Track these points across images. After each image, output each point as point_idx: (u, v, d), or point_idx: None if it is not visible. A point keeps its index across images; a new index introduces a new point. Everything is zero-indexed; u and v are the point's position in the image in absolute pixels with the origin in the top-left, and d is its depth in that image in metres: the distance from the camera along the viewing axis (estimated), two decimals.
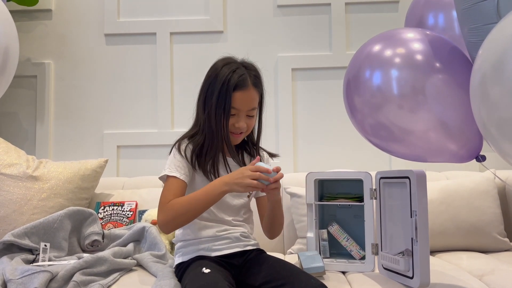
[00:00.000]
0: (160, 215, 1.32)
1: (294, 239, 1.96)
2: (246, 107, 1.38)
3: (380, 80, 1.26)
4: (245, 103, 1.38)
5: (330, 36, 2.45)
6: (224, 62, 1.40)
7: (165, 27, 2.47)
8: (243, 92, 1.36)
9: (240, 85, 1.35)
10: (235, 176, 1.27)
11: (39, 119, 2.45)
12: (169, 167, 1.37)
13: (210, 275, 1.23)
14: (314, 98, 2.43)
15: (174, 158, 1.38)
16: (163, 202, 1.32)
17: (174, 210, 1.29)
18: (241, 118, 1.39)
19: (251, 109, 1.40)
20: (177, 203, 1.30)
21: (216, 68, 1.40)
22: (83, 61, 2.50)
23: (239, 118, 1.38)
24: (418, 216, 1.29)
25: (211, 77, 1.39)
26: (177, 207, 1.29)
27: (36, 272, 1.32)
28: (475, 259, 1.67)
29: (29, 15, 2.50)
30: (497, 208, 1.85)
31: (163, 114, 2.44)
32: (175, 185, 1.35)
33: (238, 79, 1.35)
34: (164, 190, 1.36)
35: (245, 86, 1.36)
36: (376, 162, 2.26)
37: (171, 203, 1.30)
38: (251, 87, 1.38)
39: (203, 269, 1.24)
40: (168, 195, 1.33)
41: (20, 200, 1.79)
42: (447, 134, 1.22)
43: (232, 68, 1.37)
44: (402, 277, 1.36)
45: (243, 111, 1.38)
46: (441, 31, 1.41)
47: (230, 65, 1.39)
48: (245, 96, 1.37)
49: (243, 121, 1.39)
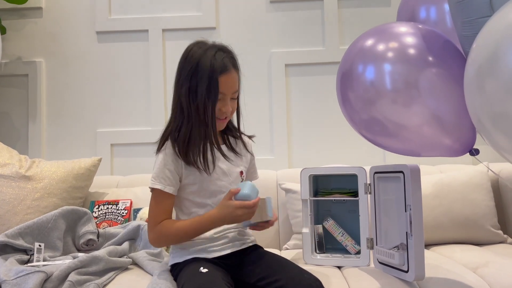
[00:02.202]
0: (150, 235, 1.34)
1: (290, 235, 1.96)
2: (231, 90, 1.36)
3: (373, 75, 1.26)
4: (230, 86, 1.36)
5: (323, 31, 2.45)
6: (200, 48, 1.36)
7: (157, 24, 2.45)
8: (227, 76, 1.34)
9: (223, 69, 1.33)
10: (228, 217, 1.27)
11: (31, 118, 2.43)
12: (153, 178, 1.34)
13: (208, 274, 1.22)
14: (308, 94, 2.43)
15: (159, 166, 1.34)
16: (153, 221, 1.33)
17: (164, 236, 1.33)
18: (227, 102, 1.37)
19: (235, 91, 1.39)
20: (168, 232, 1.32)
21: (193, 55, 1.35)
22: (75, 59, 2.48)
23: (225, 102, 1.36)
24: (412, 210, 1.30)
25: (191, 65, 1.34)
26: (167, 234, 1.32)
27: (30, 272, 1.32)
28: (470, 252, 1.68)
29: (19, 13, 2.47)
30: (490, 200, 1.86)
31: (156, 111, 2.43)
32: (160, 199, 1.34)
33: (221, 63, 1.33)
34: (152, 204, 1.35)
35: (227, 70, 1.34)
36: (371, 157, 2.26)
37: (161, 228, 1.32)
38: (232, 70, 1.36)
39: (200, 268, 1.24)
40: (158, 212, 1.33)
41: (13, 200, 1.78)
42: (441, 129, 1.22)
43: (212, 53, 1.34)
44: (397, 271, 1.36)
45: (228, 94, 1.37)
46: (433, 24, 1.41)
47: (208, 50, 1.35)
48: (229, 79, 1.35)
49: (228, 105, 1.37)
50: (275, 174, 2.12)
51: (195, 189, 1.37)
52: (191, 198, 1.38)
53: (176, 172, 1.35)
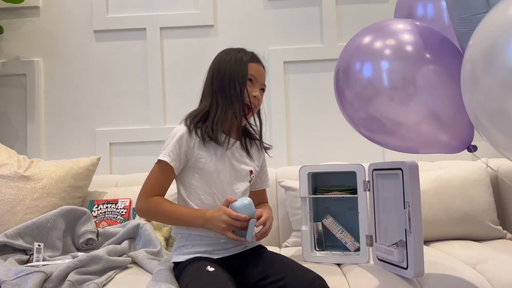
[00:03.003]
0: (139, 204, 1.36)
1: (289, 233, 1.97)
2: (260, 78, 1.44)
3: (370, 72, 1.26)
4: (260, 74, 1.44)
5: (321, 28, 2.44)
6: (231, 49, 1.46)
7: (155, 22, 2.44)
8: (257, 65, 1.44)
9: (253, 59, 1.44)
10: (215, 218, 1.29)
11: (30, 118, 2.43)
12: (163, 150, 1.36)
13: (215, 274, 1.22)
14: (307, 91, 2.43)
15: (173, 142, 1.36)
16: (146, 191, 1.35)
17: (153, 211, 1.36)
18: (257, 88, 1.43)
19: (264, 83, 1.46)
20: (159, 208, 1.34)
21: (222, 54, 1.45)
22: (73, 58, 2.47)
23: (255, 88, 1.43)
24: (411, 207, 1.30)
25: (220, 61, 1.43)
26: (157, 211, 1.35)
27: (30, 272, 1.31)
28: (469, 248, 1.68)
29: (16, 13, 2.47)
30: (489, 196, 1.86)
31: (155, 110, 2.42)
32: (163, 172, 1.36)
33: (251, 54, 1.45)
34: (152, 175, 1.37)
35: (257, 60, 1.45)
36: (369, 154, 2.26)
37: (153, 203, 1.34)
38: (261, 64, 1.46)
39: (207, 268, 1.23)
40: (156, 185, 1.36)
41: (12, 201, 1.78)
42: (439, 125, 1.22)
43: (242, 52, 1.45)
44: (397, 267, 1.37)
45: (258, 82, 1.43)
46: (430, 21, 1.41)
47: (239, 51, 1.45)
48: (259, 68, 1.44)
49: (258, 91, 1.43)
50: (274, 171, 2.12)
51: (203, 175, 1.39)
52: (199, 185, 1.39)
53: (186, 152, 1.37)
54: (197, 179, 1.39)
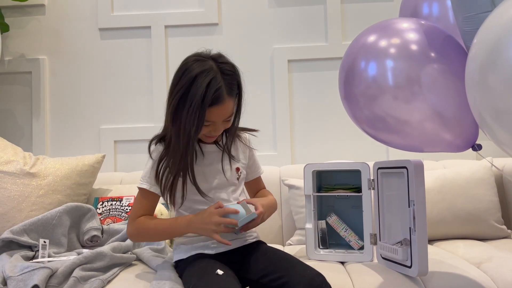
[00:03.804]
0: (128, 228, 1.39)
1: (293, 231, 1.97)
2: (221, 118, 1.32)
3: (375, 71, 1.25)
4: (221, 116, 1.31)
5: (325, 26, 2.44)
6: (199, 66, 1.28)
7: (160, 21, 2.45)
8: (219, 107, 1.28)
9: (215, 101, 1.26)
10: (201, 221, 1.28)
11: (35, 116, 2.44)
12: (141, 178, 1.38)
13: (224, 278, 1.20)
14: (311, 89, 2.43)
15: (148, 167, 1.37)
16: (133, 215, 1.38)
17: (140, 231, 1.37)
18: (217, 127, 1.33)
19: (228, 117, 1.34)
20: (144, 227, 1.35)
21: (190, 72, 1.27)
22: (78, 56, 2.48)
23: (215, 127, 1.33)
24: (415, 205, 1.30)
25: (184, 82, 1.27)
26: (143, 230, 1.36)
27: (35, 268, 1.33)
28: (473, 247, 1.68)
29: (21, 11, 2.48)
30: (494, 195, 1.86)
31: (159, 108, 2.42)
32: (145, 197, 1.38)
33: (214, 95, 1.24)
34: (135, 201, 1.40)
35: (220, 102, 1.27)
36: (374, 153, 2.26)
37: (139, 223, 1.36)
38: (227, 99, 1.28)
39: (217, 271, 1.22)
40: (140, 208, 1.38)
41: (18, 197, 1.79)
42: (443, 124, 1.21)
43: (207, 79, 1.25)
44: (401, 266, 1.37)
45: (220, 121, 1.33)
46: (435, 20, 1.40)
47: (205, 73, 1.26)
48: (221, 110, 1.29)
49: (219, 129, 1.34)
50: (278, 170, 2.12)
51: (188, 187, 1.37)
52: (188, 196, 1.38)
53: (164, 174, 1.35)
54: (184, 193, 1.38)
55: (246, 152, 1.51)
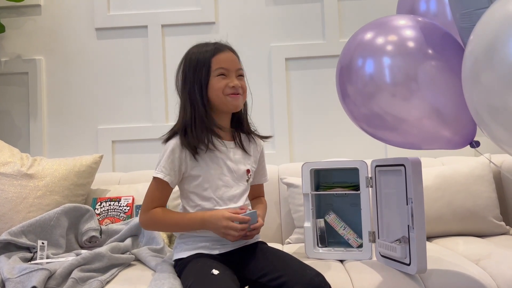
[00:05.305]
0: (141, 217, 1.39)
1: (292, 229, 1.97)
2: (233, 66, 1.39)
3: (372, 68, 1.25)
4: (230, 62, 1.39)
5: (323, 24, 2.43)
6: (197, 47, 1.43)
7: (156, 20, 2.44)
8: (222, 54, 1.38)
9: (216, 51, 1.38)
10: (213, 221, 1.31)
11: (32, 116, 2.44)
12: (157, 167, 1.37)
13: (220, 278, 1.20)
14: (309, 87, 2.42)
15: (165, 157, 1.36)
16: (147, 205, 1.38)
17: (154, 222, 1.38)
18: (233, 77, 1.39)
19: (239, 68, 1.41)
20: (159, 218, 1.36)
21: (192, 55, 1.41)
22: (75, 57, 2.47)
23: (231, 78, 1.38)
24: (414, 203, 1.30)
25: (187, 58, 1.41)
26: (158, 221, 1.37)
27: (34, 270, 1.32)
28: (472, 244, 1.68)
29: (17, 11, 2.47)
30: (492, 192, 1.86)
31: (157, 107, 2.43)
32: (160, 187, 1.37)
33: (214, 46, 1.39)
34: (150, 190, 1.39)
35: (221, 50, 1.38)
36: (372, 150, 2.26)
37: (153, 214, 1.36)
38: (228, 50, 1.40)
39: (212, 271, 1.22)
40: (154, 198, 1.38)
41: (16, 199, 1.78)
42: (441, 121, 1.21)
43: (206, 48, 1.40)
44: (400, 264, 1.37)
45: (232, 70, 1.38)
46: (433, 17, 1.40)
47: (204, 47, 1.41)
48: (227, 56, 1.39)
49: (236, 80, 1.39)
50: (276, 168, 2.12)
51: (199, 182, 1.38)
52: (197, 191, 1.39)
53: (180, 165, 1.37)
54: (194, 187, 1.39)
55: (257, 157, 1.53)
